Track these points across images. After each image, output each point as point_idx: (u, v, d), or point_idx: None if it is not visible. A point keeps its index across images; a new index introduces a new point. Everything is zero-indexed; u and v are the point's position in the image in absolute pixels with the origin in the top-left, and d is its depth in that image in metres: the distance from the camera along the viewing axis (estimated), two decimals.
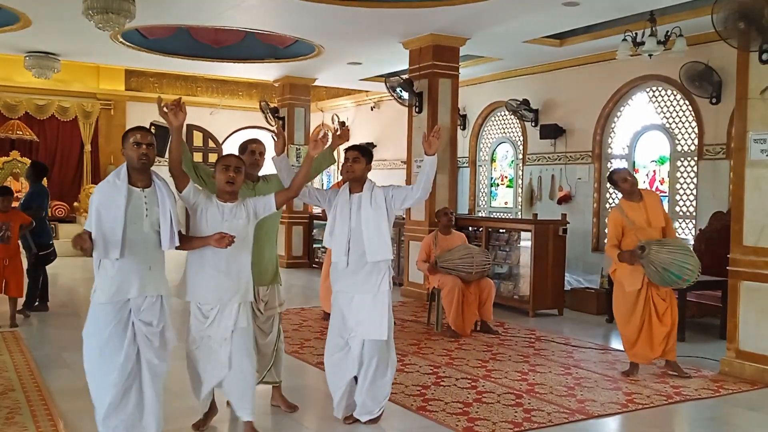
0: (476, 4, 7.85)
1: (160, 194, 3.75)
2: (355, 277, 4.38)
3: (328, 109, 16.74)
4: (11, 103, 14.59)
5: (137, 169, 3.70)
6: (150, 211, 3.70)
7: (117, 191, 3.64)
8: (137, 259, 3.67)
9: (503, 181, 12.55)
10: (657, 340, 5.83)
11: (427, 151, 4.39)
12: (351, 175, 4.45)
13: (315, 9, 8.19)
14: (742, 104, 5.96)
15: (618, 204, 5.97)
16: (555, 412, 4.83)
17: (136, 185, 3.70)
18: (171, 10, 8.67)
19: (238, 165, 4.06)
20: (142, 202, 3.69)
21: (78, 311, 8.76)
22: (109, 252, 3.60)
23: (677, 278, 5.58)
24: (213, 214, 3.98)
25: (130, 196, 3.65)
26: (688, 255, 5.62)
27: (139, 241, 3.67)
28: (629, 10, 8.02)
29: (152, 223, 3.71)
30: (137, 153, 3.67)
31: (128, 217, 3.61)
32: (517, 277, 9.11)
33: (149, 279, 3.72)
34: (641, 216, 5.79)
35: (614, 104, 10.28)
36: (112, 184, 3.67)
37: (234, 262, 4.01)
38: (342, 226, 4.39)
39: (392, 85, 9.96)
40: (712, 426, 4.87)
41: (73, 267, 12.62)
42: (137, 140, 3.68)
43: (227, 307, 4.03)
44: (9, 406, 4.70)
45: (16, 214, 7.40)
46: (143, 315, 3.70)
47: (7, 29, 9.74)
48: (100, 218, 3.60)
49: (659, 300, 5.83)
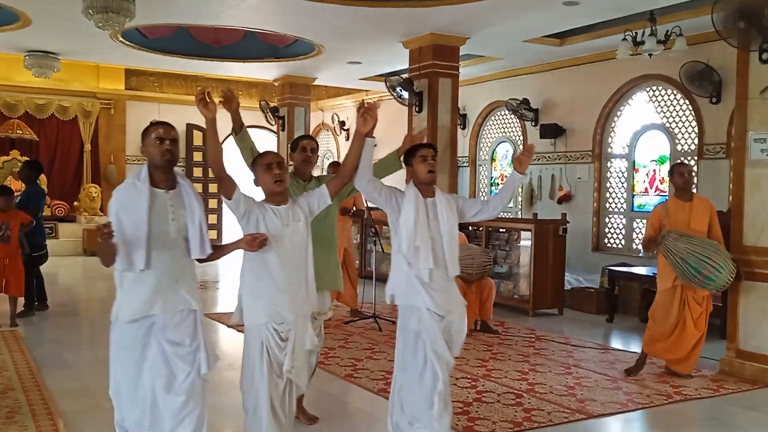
0: (476, 4, 7.85)
1: (187, 196, 3.32)
2: (446, 293, 3.82)
3: (328, 109, 16.74)
4: (11, 103, 14.58)
5: (161, 168, 3.27)
6: (176, 214, 3.26)
7: (138, 193, 3.20)
8: (163, 269, 3.23)
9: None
10: (686, 345, 5.76)
11: (518, 169, 3.89)
12: (433, 176, 3.85)
13: (315, 8, 8.19)
14: (742, 104, 5.96)
15: (666, 200, 5.96)
16: (555, 412, 4.83)
17: (159, 186, 3.26)
18: (171, 9, 8.67)
19: (280, 161, 3.58)
20: (167, 205, 3.25)
21: (78, 311, 8.78)
22: (133, 262, 3.16)
23: (697, 273, 5.43)
24: (271, 219, 3.46)
25: (154, 199, 3.22)
26: (714, 251, 5.44)
27: (165, 249, 3.23)
28: (629, 9, 8.02)
29: (179, 229, 3.27)
30: (160, 149, 3.24)
31: (152, 222, 3.18)
32: (517, 276, 9.11)
33: (178, 292, 3.27)
34: (683, 216, 5.71)
35: (614, 104, 10.28)
36: (131, 185, 3.24)
37: (302, 268, 3.53)
38: (424, 235, 3.74)
39: (392, 84, 9.96)
40: (712, 425, 4.87)
41: (73, 267, 12.63)
42: (160, 135, 3.26)
43: (302, 321, 3.53)
44: (9, 405, 4.70)
45: (15, 214, 7.40)
46: (171, 334, 3.23)
47: (6, 28, 9.74)
48: (120, 225, 3.15)
49: (695, 304, 5.74)
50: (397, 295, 3.82)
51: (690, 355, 5.82)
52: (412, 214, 3.74)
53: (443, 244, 3.77)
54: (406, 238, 3.74)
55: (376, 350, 6.63)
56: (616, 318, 8.41)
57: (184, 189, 3.34)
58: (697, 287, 5.65)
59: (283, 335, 3.47)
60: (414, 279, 3.73)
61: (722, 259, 5.47)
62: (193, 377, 3.25)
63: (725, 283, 5.56)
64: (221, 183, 3.42)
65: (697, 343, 5.80)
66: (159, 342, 3.22)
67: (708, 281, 5.50)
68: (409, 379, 3.77)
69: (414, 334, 3.75)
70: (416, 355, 3.74)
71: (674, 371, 5.90)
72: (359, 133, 3.63)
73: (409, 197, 3.79)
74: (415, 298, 3.73)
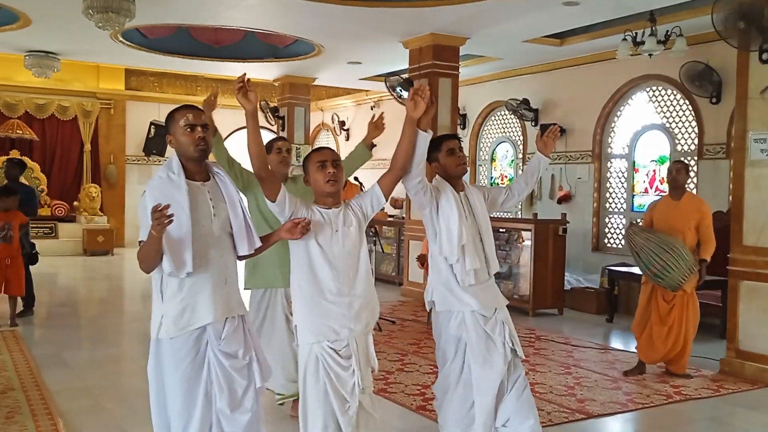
0: (476, 4, 7.85)
1: (224, 187, 2.97)
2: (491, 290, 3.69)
3: (328, 109, 16.74)
4: (11, 103, 14.58)
5: (194, 159, 2.89)
6: (217, 209, 2.91)
7: (175, 187, 2.81)
8: (211, 272, 2.86)
9: (503, 181, 12.54)
10: (657, 342, 5.79)
11: (543, 151, 3.81)
12: (464, 169, 3.71)
13: (315, 8, 8.19)
14: (742, 104, 5.96)
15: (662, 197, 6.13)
16: (555, 412, 4.83)
17: (194, 179, 2.90)
18: (171, 9, 8.67)
19: (336, 159, 3.16)
20: (207, 198, 2.89)
21: (78, 311, 8.77)
22: (179, 266, 2.76)
23: (646, 267, 5.60)
24: (319, 223, 3.09)
25: (193, 193, 2.85)
26: (666, 251, 5.46)
27: (211, 248, 2.87)
28: (629, 9, 8.02)
29: (222, 224, 2.92)
30: (192, 138, 2.85)
31: (194, 219, 2.81)
32: (517, 276, 9.12)
33: (228, 296, 2.91)
34: (667, 214, 5.82)
35: (614, 104, 10.28)
36: (166, 180, 2.84)
37: (354, 277, 3.13)
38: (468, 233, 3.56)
39: (392, 84, 9.97)
40: (712, 425, 4.87)
41: (73, 267, 12.62)
42: (190, 122, 2.86)
43: (361, 336, 3.13)
44: (9, 405, 4.70)
45: (16, 214, 7.40)
46: (225, 344, 2.86)
47: (7, 28, 9.74)
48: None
49: (662, 301, 5.81)
50: (437, 301, 3.63)
51: (671, 351, 5.80)
52: (455, 213, 3.53)
53: (483, 239, 3.62)
54: (448, 239, 3.51)
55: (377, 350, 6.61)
56: (616, 318, 8.41)
57: (220, 180, 2.99)
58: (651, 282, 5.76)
59: (341, 353, 3.05)
60: (453, 282, 3.55)
61: (674, 260, 5.45)
62: (252, 392, 2.91)
63: (676, 284, 5.54)
64: (263, 183, 3.03)
65: (676, 341, 5.76)
66: (214, 355, 2.85)
67: (657, 278, 5.59)
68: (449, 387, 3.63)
69: (454, 340, 3.59)
70: (455, 362, 3.59)
71: (671, 372, 5.91)
72: (411, 119, 3.20)
73: (447, 195, 3.56)
74: (455, 303, 3.56)
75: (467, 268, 3.52)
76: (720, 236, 7.65)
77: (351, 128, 16.01)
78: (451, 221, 3.52)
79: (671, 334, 5.76)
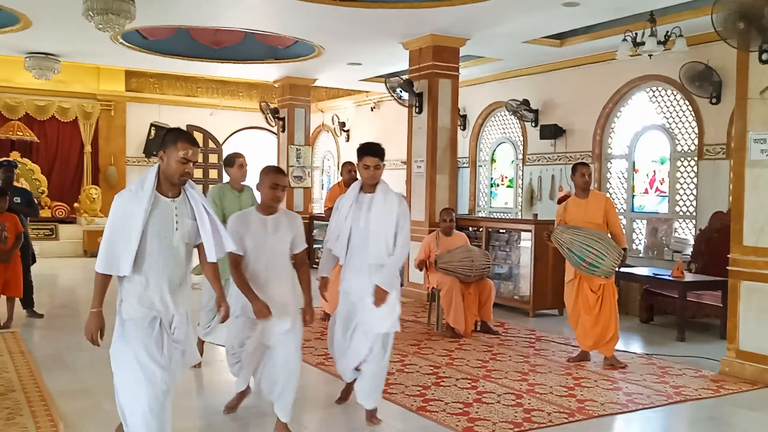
0: (476, 5, 7.86)
1: (194, 203, 3.40)
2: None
3: (328, 110, 16.75)
4: (11, 104, 14.59)
5: (173, 183, 3.34)
6: (181, 223, 3.34)
7: (137, 202, 3.25)
8: (166, 275, 3.33)
9: (503, 182, 12.55)
10: (589, 330, 6.17)
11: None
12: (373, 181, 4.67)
13: (315, 9, 8.20)
14: (742, 104, 5.96)
15: (568, 199, 6.47)
16: (555, 413, 4.83)
17: (167, 195, 3.33)
18: (171, 10, 8.68)
19: (285, 185, 4.27)
20: (173, 213, 3.33)
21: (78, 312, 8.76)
22: (113, 267, 3.28)
23: (581, 260, 5.91)
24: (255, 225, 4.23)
25: (157, 206, 3.28)
26: (595, 241, 5.88)
27: (166, 256, 3.32)
28: (629, 10, 8.03)
29: (183, 236, 3.36)
30: (182, 169, 3.29)
31: (154, 230, 3.26)
32: (518, 277, 9.12)
33: (179, 296, 3.41)
34: (580, 211, 6.21)
35: (614, 104, 10.28)
36: (132, 194, 3.28)
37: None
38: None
39: (392, 85, 9.96)
40: (712, 426, 4.86)
41: (73, 268, 12.63)
42: (188, 157, 3.28)
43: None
44: (9, 406, 4.70)
45: (11, 217, 7.36)
46: (175, 333, 3.43)
47: (7, 30, 9.75)
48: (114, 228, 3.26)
49: (589, 292, 6.16)
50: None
51: (602, 337, 6.15)
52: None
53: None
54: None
55: None
56: None
57: (191, 196, 3.39)
58: (586, 274, 6.05)
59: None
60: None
61: (604, 248, 5.89)
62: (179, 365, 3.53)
63: (610, 270, 5.93)
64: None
65: (605, 327, 6.12)
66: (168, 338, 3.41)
67: (592, 267, 5.92)
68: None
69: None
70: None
71: (609, 364, 6.16)
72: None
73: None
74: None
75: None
76: (720, 236, 7.68)
77: (351, 129, 16.01)
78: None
79: (600, 321, 6.14)
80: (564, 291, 6.48)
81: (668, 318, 8.25)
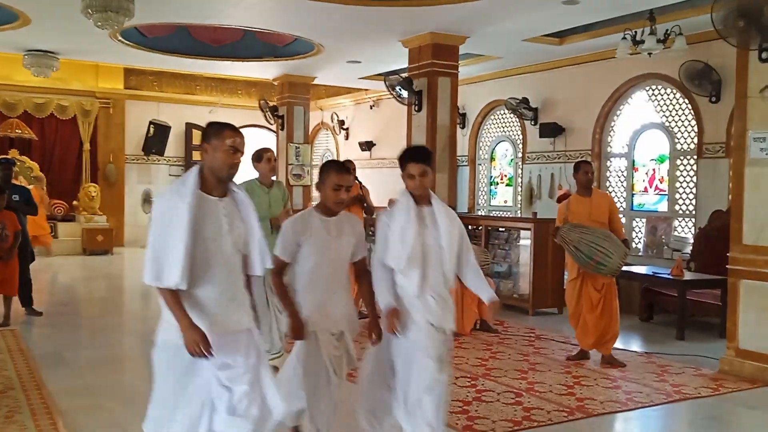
0: (476, 3, 7.85)
1: (243, 207, 2.99)
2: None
3: (327, 108, 16.74)
4: (10, 102, 14.55)
5: (221, 178, 2.93)
6: (231, 226, 2.91)
7: (180, 198, 2.82)
8: (219, 288, 2.88)
9: (503, 180, 12.55)
10: (590, 329, 6.17)
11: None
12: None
13: (314, 7, 8.19)
14: (741, 103, 5.96)
15: (570, 197, 6.44)
16: (554, 411, 4.83)
17: (211, 194, 2.91)
18: (170, 8, 8.66)
19: (350, 185, 3.92)
20: (221, 214, 2.90)
21: (78, 311, 8.77)
22: (163, 276, 2.76)
23: (589, 258, 5.89)
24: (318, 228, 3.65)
25: (204, 206, 2.85)
26: (603, 239, 5.88)
27: (218, 264, 2.87)
28: (629, 8, 8.02)
29: (235, 242, 2.92)
30: (232, 160, 2.89)
31: (203, 233, 2.83)
32: (517, 275, 9.11)
33: (231, 314, 2.93)
34: (584, 209, 6.18)
35: (614, 103, 10.27)
36: (175, 192, 2.87)
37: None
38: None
39: (392, 83, 9.96)
40: (711, 424, 4.87)
41: (72, 266, 12.62)
42: (237, 146, 2.90)
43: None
44: (9, 404, 4.70)
45: (10, 215, 7.34)
46: (222, 356, 2.86)
47: (6, 27, 9.73)
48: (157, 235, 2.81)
49: (593, 291, 6.16)
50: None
51: (603, 336, 6.17)
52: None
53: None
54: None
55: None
56: None
57: (239, 199, 3.00)
58: (593, 273, 6.05)
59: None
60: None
61: (612, 246, 5.86)
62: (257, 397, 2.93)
63: (617, 268, 5.91)
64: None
65: (606, 325, 6.14)
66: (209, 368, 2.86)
67: (600, 266, 5.90)
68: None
69: None
70: None
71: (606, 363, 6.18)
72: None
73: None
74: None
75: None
76: (720, 235, 7.68)
77: (350, 127, 16.00)
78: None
79: (603, 319, 6.15)
80: (565, 290, 6.47)
81: (668, 316, 8.25)
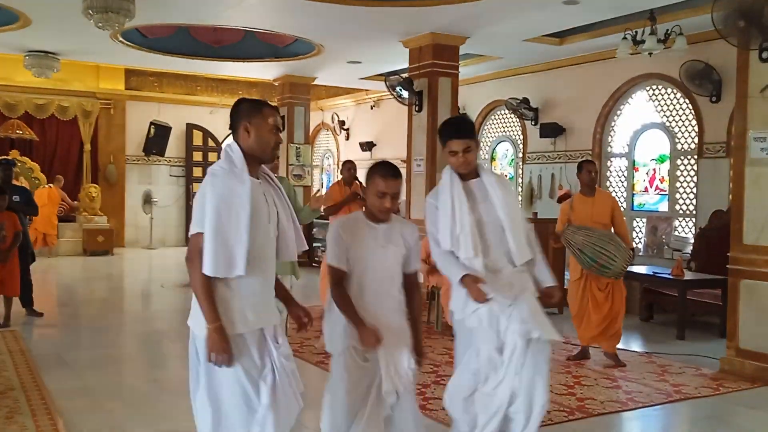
0: (476, 3, 7.84)
1: (276, 189, 2.88)
2: None
3: (327, 108, 16.74)
4: (11, 103, 14.57)
5: (262, 160, 2.79)
6: (272, 208, 2.80)
7: (239, 181, 2.65)
8: (268, 274, 2.78)
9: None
10: (593, 326, 6.19)
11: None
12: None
13: (315, 8, 8.19)
14: (742, 103, 5.95)
15: (573, 197, 6.41)
16: (555, 411, 4.83)
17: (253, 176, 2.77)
18: (171, 9, 8.66)
19: (396, 192, 3.24)
20: (264, 198, 2.76)
21: (78, 311, 8.77)
22: (228, 265, 2.60)
23: (593, 261, 5.88)
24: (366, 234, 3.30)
25: (256, 191, 2.70)
26: (608, 242, 5.86)
27: (268, 249, 2.77)
28: (629, 8, 8.02)
29: (275, 225, 2.83)
30: (275, 140, 2.76)
31: (256, 217, 2.67)
32: None
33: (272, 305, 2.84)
34: (587, 210, 6.17)
35: (614, 103, 10.27)
36: (229, 172, 2.67)
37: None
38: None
39: (392, 83, 9.95)
40: (711, 424, 4.86)
41: (73, 267, 12.63)
42: (278, 125, 2.78)
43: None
44: (9, 405, 4.70)
45: (10, 216, 7.35)
46: (283, 349, 2.82)
47: (6, 28, 9.74)
48: (220, 219, 2.59)
49: (597, 291, 6.18)
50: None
51: (606, 332, 6.19)
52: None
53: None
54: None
55: None
56: None
57: (272, 181, 2.88)
58: (596, 275, 6.05)
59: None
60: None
61: (616, 249, 5.84)
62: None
63: (620, 271, 5.92)
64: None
65: (610, 323, 6.16)
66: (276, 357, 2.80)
67: (604, 269, 5.90)
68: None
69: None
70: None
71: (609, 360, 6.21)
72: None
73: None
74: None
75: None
76: (720, 235, 7.67)
77: (351, 128, 16.00)
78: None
79: (608, 316, 6.16)
80: (567, 290, 6.46)
81: (668, 316, 8.25)
